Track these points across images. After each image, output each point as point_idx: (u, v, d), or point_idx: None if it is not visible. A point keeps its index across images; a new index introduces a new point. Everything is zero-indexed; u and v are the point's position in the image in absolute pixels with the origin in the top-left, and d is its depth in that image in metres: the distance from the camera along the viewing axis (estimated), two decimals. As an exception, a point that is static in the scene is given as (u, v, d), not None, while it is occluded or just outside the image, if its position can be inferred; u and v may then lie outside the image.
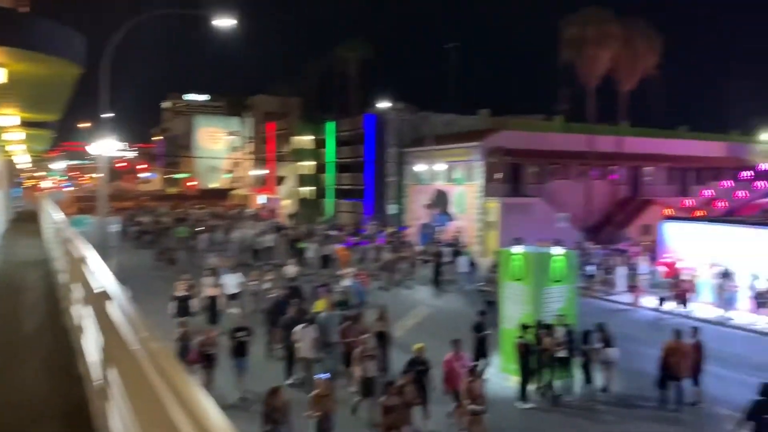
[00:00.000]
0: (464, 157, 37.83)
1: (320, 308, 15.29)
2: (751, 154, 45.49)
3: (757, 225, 23.17)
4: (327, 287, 17.72)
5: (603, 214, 38.50)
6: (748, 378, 12.73)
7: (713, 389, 12.94)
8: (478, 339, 13.63)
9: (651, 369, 13.13)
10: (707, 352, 12.88)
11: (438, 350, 13.27)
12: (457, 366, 11.22)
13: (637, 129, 45.03)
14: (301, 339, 12.93)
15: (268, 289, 19.36)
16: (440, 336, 17.38)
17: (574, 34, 35.09)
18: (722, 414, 11.87)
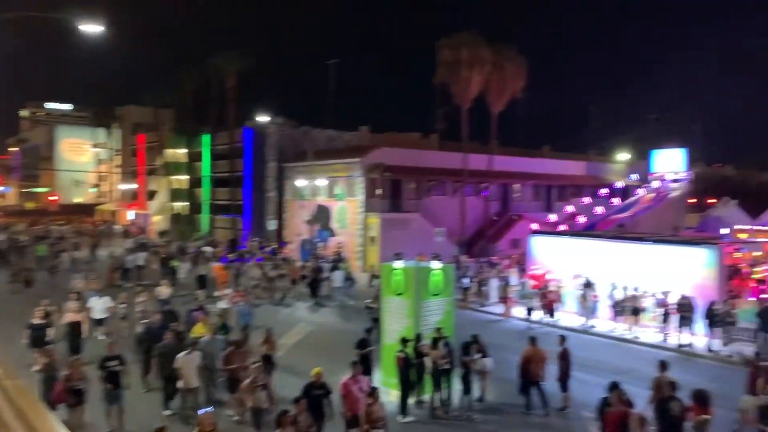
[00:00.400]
0: (345, 172, 38.04)
1: (199, 333, 14.45)
2: (607, 172, 49.53)
3: (613, 239, 25.15)
4: (204, 310, 16.77)
5: (476, 229, 40.14)
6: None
7: (579, 394, 13.75)
8: (362, 356, 13.62)
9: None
10: (573, 359, 13.71)
11: (315, 364, 13.12)
12: (355, 389, 10.78)
13: (507, 148, 47.62)
14: (184, 367, 12.08)
15: (141, 312, 18.35)
16: (322, 354, 17.34)
17: (449, 56, 36.45)
18: (587, 417, 12.67)
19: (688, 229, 40.44)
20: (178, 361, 12.07)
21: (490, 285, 26.61)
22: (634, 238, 24.97)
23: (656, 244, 22.63)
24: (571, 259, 24.65)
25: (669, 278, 20.89)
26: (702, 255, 20.88)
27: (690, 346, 18.94)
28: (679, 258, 21.42)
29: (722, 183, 65.72)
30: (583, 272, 23.10)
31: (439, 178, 39.61)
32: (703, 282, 20.35)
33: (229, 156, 46.41)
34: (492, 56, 36.77)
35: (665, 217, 38.31)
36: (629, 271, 22.01)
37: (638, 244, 23.24)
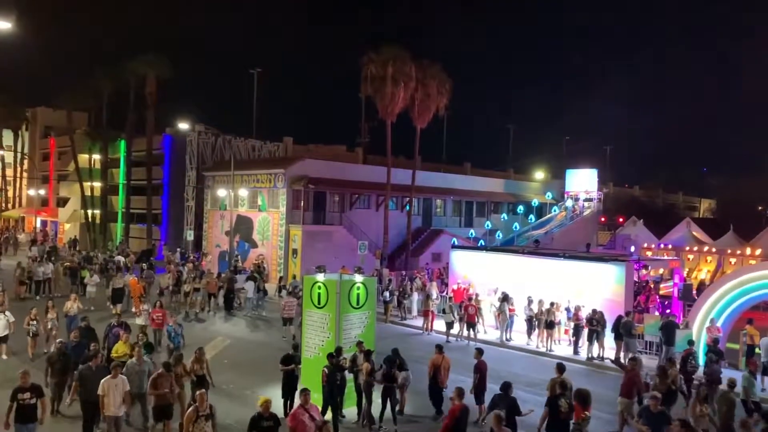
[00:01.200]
0: (268, 183, 37.54)
1: (121, 352, 13.57)
2: (525, 190, 51.25)
3: (529, 254, 25.96)
4: (126, 327, 15.67)
5: (399, 243, 40.51)
6: (524, 394, 14.07)
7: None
8: (287, 373, 13.40)
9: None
10: (489, 371, 13.99)
11: (244, 384, 12.91)
12: (306, 419, 9.90)
13: (430, 164, 48.45)
14: (108, 393, 11.02)
15: (51, 329, 17.40)
16: (246, 369, 16.95)
17: (375, 71, 36.74)
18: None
19: (600, 247, 42.40)
20: (102, 386, 11.01)
21: (411, 299, 26.86)
22: (548, 254, 25.90)
23: (569, 260, 23.55)
24: (489, 274, 25.27)
25: (581, 293, 21.79)
26: (612, 271, 21.90)
27: (600, 358, 19.75)
28: (590, 274, 22.38)
29: (631, 203, 69.41)
30: (501, 286, 23.72)
31: (363, 191, 39.76)
32: (612, 297, 21.34)
33: (147, 163, 44.84)
34: (417, 72, 37.35)
35: (578, 234, 39.97)
36: (544, 285, 22.79)
37: (553, 259, 24.13)
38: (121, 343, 14.05)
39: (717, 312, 19.10)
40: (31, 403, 10.48)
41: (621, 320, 19.52)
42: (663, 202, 78.31)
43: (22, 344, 17.47)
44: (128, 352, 13.55)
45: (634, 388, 12.68)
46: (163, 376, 11.71)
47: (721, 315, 19.12)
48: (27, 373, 10.78)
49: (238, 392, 15.09)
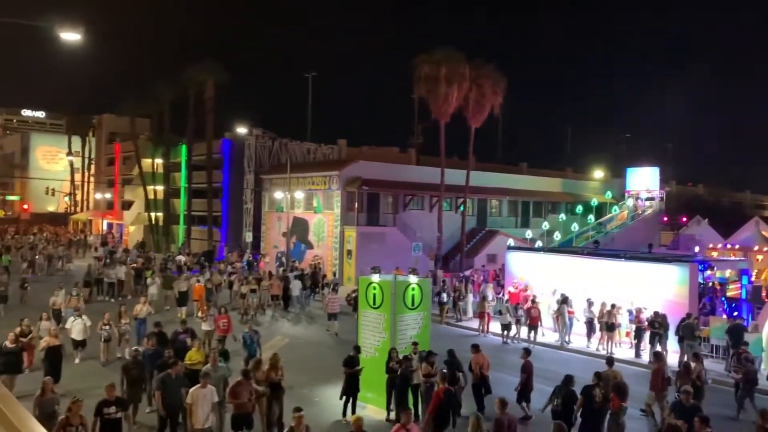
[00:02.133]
0: (323, 185, 38.00)
1: (195, 359, 13.12)
2: (583, 190, 50.14)
3: (588, 255, 25.40)
4: (193, 332, 15.37)
5: (453, 244, 40.30)
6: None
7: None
8: (349, 375, 13.41)
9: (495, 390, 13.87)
10: (544, 373, 13.76)
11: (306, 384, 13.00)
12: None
13: (484, 164, 48.00)
14: (196, 403, 10.49)
15: (124, 334, 17.54)
16: (308, 369, 17.06)
17: (428, 71, 36.68)
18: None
19: (662, 247, 41.04)
20: (191, 395, 10.59)
21: (467, 300, 26.66)
22: (608, 255, 25.27)
23: (630, 261, 22.91)
24: (546, 275, 24.83)
25: (642, 295, 21.15)
26: (675, 272, 21.18)
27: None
28: (652, 275, 21.70)
29: (695, 202, 66.95)
30: (559, 288, 23.27)
31: (416, 192, 39.74)
32: (675, 299, 20.64)
33: (207, 167, 46.11)
34: (471, 72, 37.09)
35: (639, 234, 38.84)
36: (604, 287, 22.23)
37: (613, 261, 23.52)
38: (195, 351, 13.58)
39: (789, 315, 18.21)
40: (117, 417, 10.09)
41: (684, 322, 18.86)
42: (729, 200, 75.19)
43: (94, 349, 17.39)
44: (202, 360, 13.09)
45: (660, 382, 13.26)
46: (242, 384, 11.12)
47: (794, 318, 18.22)
48: (113, 386, 10.40)
49: (304, 393, 15.09)
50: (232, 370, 12.87)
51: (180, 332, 15.20)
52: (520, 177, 48.85)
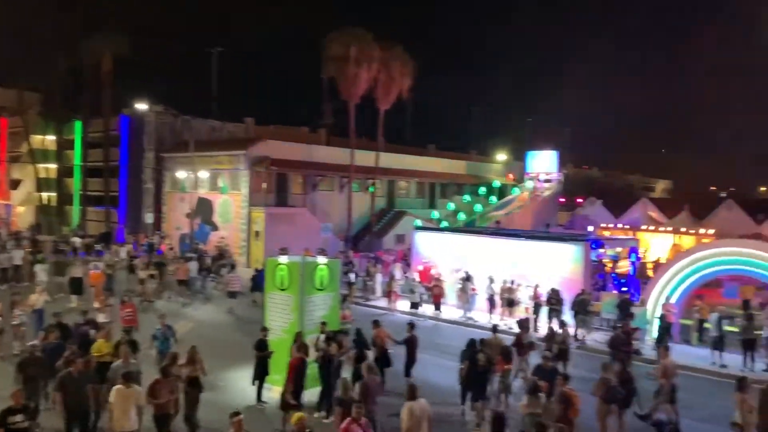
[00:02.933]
0: (229, 165, 37.08)
1: (104, 351, 12.23)
2: (486, 172, 51.75)
3: (490, 234, 26.36)
4: (92, 325, 14.14)
5: (363, 225, 40.56)
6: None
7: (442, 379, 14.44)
8: (260, 358, 13.29)
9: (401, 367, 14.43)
10: (448, 349, 14.29)
11: (212, 369, 12.73)
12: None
13: (393, 146, 48.47)
14: (118, 404, 9.72)
15: (20, 326, 15.82)
16: (219, 354, 16.45)
17: (338, 51, 36.44)
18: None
19: (559, 227, 43.20)
20: (113, 395, 9.78)
21: (375, 280, 27.01)
22: (509, 234, 26.33)
23: (529, 240, 23.99)
24: (451, 254, 25.56)
25: (540, 272, 22.24)
26: (570, 251, 22.38)
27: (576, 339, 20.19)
28: (549, 253, 22.84)
29: (589, 183, 70.78)
30: (463, 266, 24.04)
31: (326, 173, 39.60)
32: (570, 276, 21.83)
33: (104, 145, 43.75)
34: (380, 54, 37.18)
35: (538, 214, 40.64)
36: (505, 265, 23.19)
37: (513, 240, 24.54)
38: (102, 342, 12.62)
39: (671, 289, 19.72)
40: (23, 427, 9.16)
41: (578, 298, 20.01)
42: (621, 182, 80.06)
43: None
44: (111, 351, 12.22)
45: (521, 348, 14.62)
46: (161, 383, 10.38)
47: (675, 292, 19.75)
48: (20, 392, 9.57)
49: (221, 383, 14.69)
50: (139, 364, 12.14)
51: (82, 324, 14.30)
52: (427, 159, 49.72)
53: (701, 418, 13.58)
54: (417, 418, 9.32)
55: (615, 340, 16.16)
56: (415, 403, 9.46)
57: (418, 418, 9.33)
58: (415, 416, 9.32)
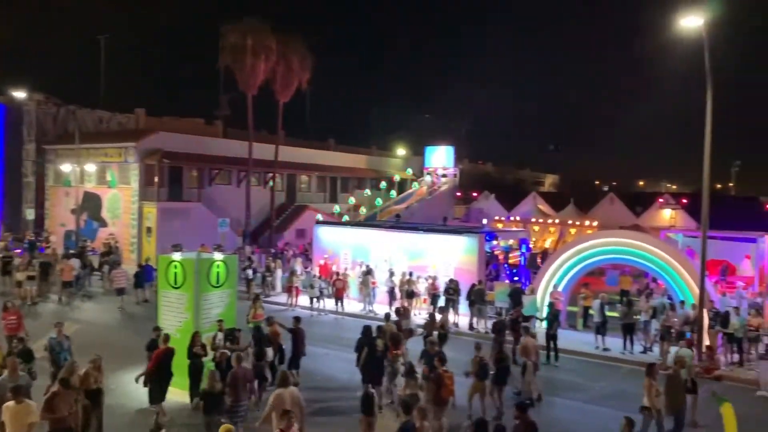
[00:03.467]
0: (118, 157, 35.24)
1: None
2: (387, 166, 52.34)
3: (390, 228, 26.71)
4: None
5: (262, 220, 39.88)
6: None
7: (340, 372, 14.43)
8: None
9: (307, 364, 14.36)
10: (351, 342, 14.35)
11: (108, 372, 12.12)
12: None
13: (293, 139, 47.95)
14: (10, 423, 8.86)
15: None
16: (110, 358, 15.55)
17: (234, 42, 35.51)
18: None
19: (456, 220, 44.47)
20: (3, 413, 8.87)
21: (275, 275, 26.64)
22: (408, 227, 26.79)
23: (427, 233, 24.53)
24: (353, 249, 25.67)
25: (439, 264, 22.82)
26: (465, 243, 23.10)
27: (456, 325, 20.86)
28: (446, 246, 23.47)
29: (484, 178, 73.34)
30: (364, 260, 24.22)
31: (223, 166, 38.54)
32: (466, 267, 22.54)
33: (-24, 135, 40.22)
34: (278, 46, 36.60)
35: (436, 208, 41.60)
36: (405, 258, 23.61)
37: (412, 233, 25.00)
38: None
39: (558, 278, 20.81)
40: None
41: (474, 288, 20.69)
42: (513, 177, 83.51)
43: None
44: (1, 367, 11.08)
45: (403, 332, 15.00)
46: (60, 395, 9.51)
47: (562, 280, 20.86)
48: None
49: (117, 387, 13.81)
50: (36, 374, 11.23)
51: None
52: (328, 153, 49.57)
53: (587, 399, 14.46)
54: (284, 405, 9.40)
55: (497, 325, 16.93)
56: (285, 390, 9.65)
57: (285, 404, 9.44)
58: (284, 402, 9.46)
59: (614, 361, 17.69)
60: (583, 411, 13.65)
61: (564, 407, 13.89)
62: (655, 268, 19.59)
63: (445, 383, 11.12)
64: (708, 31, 16.23)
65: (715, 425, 11.23)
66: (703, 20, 16.06)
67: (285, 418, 8.73)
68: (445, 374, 11.24)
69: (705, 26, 16.16)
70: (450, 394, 11.24)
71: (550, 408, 13.57)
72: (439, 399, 11.04)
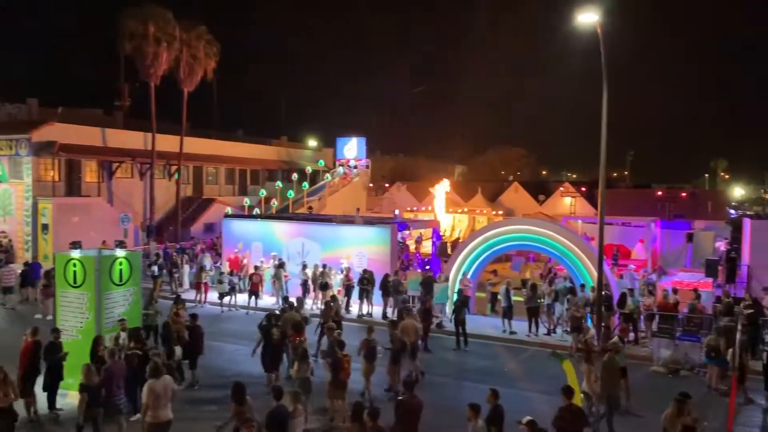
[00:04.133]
0: (8, 150, 32.93)
1: None
2: (298, 158, 51.83)
3: (303, 221, 26.51)
4: None
5: (167, 213, 38.54)
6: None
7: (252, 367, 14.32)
8: (52, 362, 12.08)
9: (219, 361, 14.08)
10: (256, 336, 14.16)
11: None
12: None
13: (199, 130, 46.51)
14: None
15: None
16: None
17: (134, 29, 33.98)
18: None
19: (368, 211, 44.72)
20: None
21: (182, 271, 25.81)
22: (321, 219, 26.69)
23: (340, 225, 24.53)
24: (265, 242, 25.27)
25: (352, 255, 22.88)
26: (378, 233, 23.28)
27: (369, 315, 21.03)
28: (359, 237, 23.56)
29: (396, 169, 74.14)
30: (276, 253, 23.91)
31: (124, 159, 36.83)
32: (379, 257, 22.73)
33: None
34: (181, 33, 35.34)
35: (349, 199, 41.67)
36: (319, 250, 23.52)
37: (325, 225, 24.93)
38: None
39: (467, 265, 21.38)
40: None
41: (388, 278, 20.90)
42: (424, 168, 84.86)
43: None
44: None
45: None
46: None
47: (470, 268, 21.44)
48: None
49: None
50: None
51: None
52: (237, 144, 48.39)
53: (498, 383, 14.91)
54: (157, 395, 9.61)
55: (401, 312, 17.12)
56: (157, 381, 9.74)
57: (158, 394, 9.63)
58: (156, 393, 9.62)
59: (520, 343, 18.43)
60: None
61: (474, 390, 14.29)
62: (557, 254, 20.52)
63: (344, 366, 11.67)
64: (603, 27, 17.05)
65: (648, 413, 11.81)
66: (598, 16, 16.84)
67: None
68: (344, 358, 11.75)
69: (600, 22, 16.96)
70: (347, 377, 11.78)
71: (460, 391, 13.94)
72: (339, 382, 11.60)
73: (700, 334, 16.61)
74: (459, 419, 9.83)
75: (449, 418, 11.48)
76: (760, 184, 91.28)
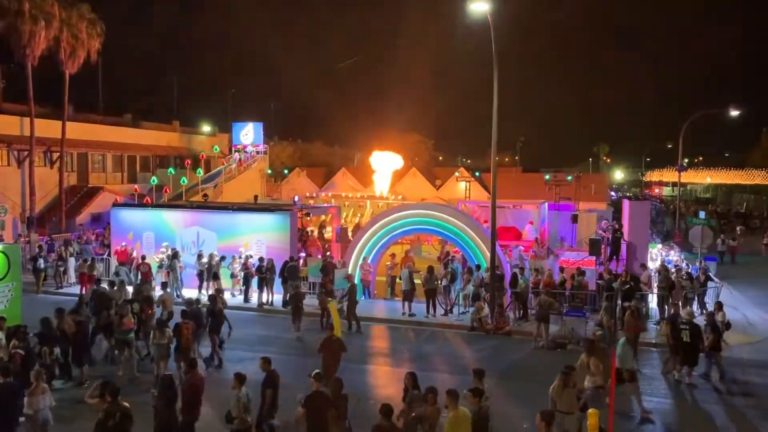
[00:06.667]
0: None
1: None
2: (192, 144, 50.09)
3: (198, 208, 25.68)
4: None
5: (50, 204, 36.18)
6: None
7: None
8: None
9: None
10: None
11: None
12: None
13: (84, 114, 43.86)
14: None
15: None
16: None
17: (7, 5, 31.49)
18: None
19: (267, 197, 44.08)
20: None
21: (68, 264, 24.34)
22: (218, 207, 26.00)
23: (237, 212, 24.01)
24: (157, 231, 24.28)
25: (251, 243, 22.47)
26: (277, 220, 22.99)
27: (270, 303, 20.80)
28: (258, 224, 23.16)
29: (294, 155, 73.41)
30: (170, 243, 23.06)
31: (-1, 145, 34.12)
32: (278, 245, 22.47)
33: None
34: (61, 11, 33.07)
35: (246, 186, 40.85)
36: (216, 238, 22.91)
37: (222, 212, 24.30)
38: None
39: (367, 250, 21.61)
40: None
41: (287, 265, 20.73)
42: (323, 154, 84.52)
43: None
44: None
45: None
46: None
47: (370, 252, 21.69)
48: None
49: None
50: None
51: None
52: (125, 129, 46.03)
53: (396, 364, 15.27)
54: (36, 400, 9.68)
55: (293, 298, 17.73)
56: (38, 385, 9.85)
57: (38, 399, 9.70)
58: (36, 398, 9.70)
59: (419, 324, 18.90)
60: (392, 374, 14.39)
61: (372, 372, 14.60)
62: (452, 237, 21.17)
63: (183, 334, 12.70)
64: (493, 15, 17.60)
65: (536, 386, 12.17)
66: (488, 5, 17.36)
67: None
68: (184, 325, 12.80)
69: (491, 12, 17.51)
70: (189, 344, 12.84)
71: (358, 375, 14.05)
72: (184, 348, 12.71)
73: (585, 310, 17.73)
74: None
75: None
76: (638, 167, 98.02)
